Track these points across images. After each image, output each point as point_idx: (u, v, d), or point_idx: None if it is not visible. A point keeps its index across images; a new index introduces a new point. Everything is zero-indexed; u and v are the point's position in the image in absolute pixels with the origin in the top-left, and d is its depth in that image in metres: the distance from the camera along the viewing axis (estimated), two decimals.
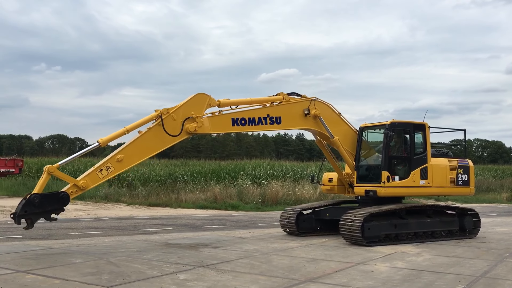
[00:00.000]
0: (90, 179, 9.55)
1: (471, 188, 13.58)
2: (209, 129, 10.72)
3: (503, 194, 32.72)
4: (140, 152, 10.09)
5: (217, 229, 14.91)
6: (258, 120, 11.37)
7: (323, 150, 13.40)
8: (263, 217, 19.10)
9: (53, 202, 9.22)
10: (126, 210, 20.93)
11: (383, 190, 11.97)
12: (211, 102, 10.78)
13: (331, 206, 13.74)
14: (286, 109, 11.86)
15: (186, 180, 27.39)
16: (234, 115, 11.15)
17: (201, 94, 10.71)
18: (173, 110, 10.30)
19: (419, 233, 12.42)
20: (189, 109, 10.48)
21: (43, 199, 9.02)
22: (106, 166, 9.67)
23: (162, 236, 12.90)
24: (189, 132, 10.39)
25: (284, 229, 13.54)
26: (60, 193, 9.33)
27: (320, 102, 12.47)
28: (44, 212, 9.16)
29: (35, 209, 8.94)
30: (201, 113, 10.58)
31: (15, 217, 8.84)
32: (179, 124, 10.34)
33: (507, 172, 42.70)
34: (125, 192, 25.53)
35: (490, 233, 14.22)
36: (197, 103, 10.59)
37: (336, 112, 12.83)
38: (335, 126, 12.61)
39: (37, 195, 8.93)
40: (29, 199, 8.84)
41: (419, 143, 12.75)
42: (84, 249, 10.33)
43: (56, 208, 9.32)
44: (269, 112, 11.56)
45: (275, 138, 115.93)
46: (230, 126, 11.07)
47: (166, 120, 10.17)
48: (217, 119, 10.94)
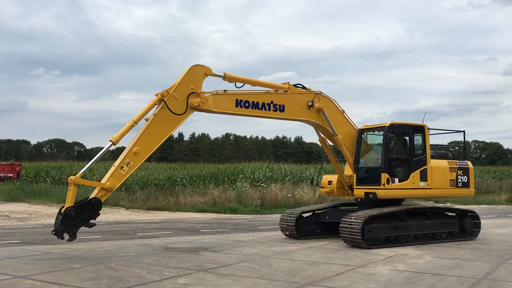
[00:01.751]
0: (114, 179, 9.66)
1: (471, 189, 13.55)
2: (212, 107, 10.70)
3: (502, 196, 32.70)
4: (153, 139, 10.12)
5: (217, 232, 14.84)
6: (261, 105, 11.34)
7: (326, 149, 13.36)
8: (263, 220, 19.04)
9: (87, 210, 9.41)
10: (124, 214, 20.84)
11: (382, 192, 11.93)
12: (207, 72, 10.71)
13: (330, 208, 13.69)
14: (291, 98, 11.87)
15: (185, 184, 27.32)
16: (238, 96, 11.12)
17: (195, 66, 10.62)
18: (172, 89, 10.27)
19: (419, 235, 12.37)
20: (187, 84, 10.44)
21: (78, 210, 9.21)
22: (126, 162, 9.75)
23: (161, 240, 12.83)
24: (193, 107, 10.39)
25: (284, 232, 13.48)
26: (91, 200, 9.44)
27: (325, 96, 12.49)
28: (82, 221, 9.38)
29: (73, 221, 9.17)
30: (200, 85, 10.55)
31: (58, 233, 9.07)
32: (182, 101, 10.34)
33: (505, 174, 42.77)
34: (124, 196, 25.42)
35: (490, 235, 14.18)
36: (193, 76, 10.54)
37: (340, 109, 12.82)
38: (337, 123, 12.60)
39: (71, 207, 9.10)
40: (66, 214, 9.03)
41: (418, 144, 12.72)
42: (82, 254, 10.25)
43: (92, 215, 9.53)
44: (273, 99, 11.53)
45: (274, 141, 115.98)
46: (233, 107, 11.02)
47: (169, 101, 10.17)
48: (221, 98, 10.90)
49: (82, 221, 9.38)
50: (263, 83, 11.77)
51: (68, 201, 9.14)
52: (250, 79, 11.58)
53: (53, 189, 28.55)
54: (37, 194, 27.99)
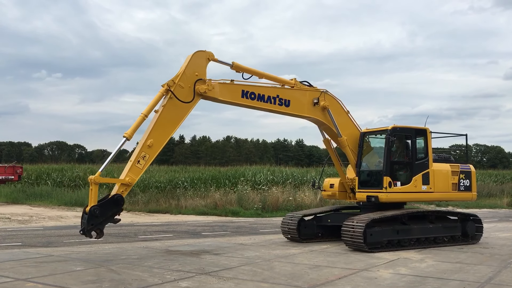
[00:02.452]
0: (133, 173, 9.78)
1: (473, 193, 13.51)
2: (218, 95, 10.78)
3: (504, 199, 32.62)
4: (165, 130, 10.22)
5: (218, 235, 14.82)
6: (267, 98, 11.41)
7: (329, 150, 13.34)
8: (264, 223, 19.00)
9: (111, 207, 9.56)
10: (125, 217, 20.78)
11: (384, 196, 11.90)
12: (210, 57, 10.73)
13: (332, 212, 13.66)
14: (297, 94, 11.96)
15: (186, 187, 27.28)
16: (245, 87, 11.20)
17: (198, 52, 10.64)
18: (178, 78, 10.33)
19: (421, 239, 12.32)
20: (192, 72, 10.49)
21: (102, 208, 9.38)
22: (142, 156, 9.87)
23: (162, 243, 12.81)
24: (199, 93, 10.47)
25: (286, 236, 13.45)
26: (114, 196, 9.58)
27: (330, 95, 12.53)
28: (107, 218, 9.56)
29: (99, 220, 9.35)
30: (204, 71, 10.60)
31: (85, 232, 9.28)
32: (189, 89, 10.42)
33: (507, 177, 42.66)
34: (125, 198, 25.37)
35: (492, 239, 14.13)
36: (197, 63, 10.57)
37: (345, 110, 12.83)
38: (342, 123, 12.62)
39: (95, 206, 9.27)
40: (91, 213, 9.21)
41: (420, 148, 12.69)
42: (84, 257, 10.23)
43: (116, 211, 9.70)
44: (279, 93, 11.62)
45: (275, 144, 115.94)
46: (239, 97, 11.10)
47: (176, 90, 10.26)
48: (227, 87, 10.99)
49: (107, 218, 9.56)
50: (270, 76, 11.83)
51: (91, 201, 9.33)
52: (258, 70, 11.65)
53: (54, 192, 28.55)
54: (38, 197, 28.00)
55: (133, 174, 9.78)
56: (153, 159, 10.17)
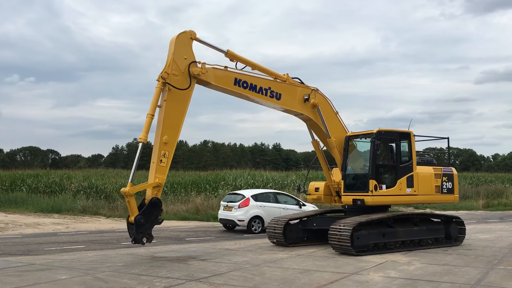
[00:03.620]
0: (159, 173, 10.08)
1: (455, 196, 13.70)
2: (211, 79, 10.88)
3: (480, 201, 33.29)
4: (175, 123, 10.38)
5: (203, 240, 14.65)
6: (259, 89, 11.54)
7: (318, 152, 13.35)
8: None
9: (152, 211, 10.00)
10: (106, 223, 20.42)
11: (370, 199, 11.95)
12: (192, 36, 10.73)
13: (318, 215, 13.67)
14: (288, 89, 12.10)
15: (166, 192, 26.96)
16: (238, 75, 11.31)
17: (179, 35, 10.60)
18: (168, 67, 10.34)
19: (406, 242, 12.42)
20: (180, 57, 10.51)
21: (145, 215, 9.86)
22: (162, 154, 10.12)
23: (147, 249, 12.57)
24: (194, 75, 10.55)
25: (271, 240, 13.38)
26: (151, 201, 9.97)
27: (321, 94, 12.63)
28: (152, 222, 10.07)
29: (146, 226, 9.89)
30: (191, 52, 10.62)
31: (138, 241, 9.87)
32: (183, 75, 10.49)
33: (481, 180, 43.58)
34: (104, 204, 24.93)
35: (474, 240, 14.36)
36: (182, 46, 10.57)
37: (334, 110, 12.88)
38: (331, 124, 12.70)
39: (139, 216, 9.78)
40: (137, 222, 9.73)
41: (404, 151, 12.81)
42: (68, 265, 9.95)
43: (157, 213, 10.17)
44: (271, 86, 11.76)
45: (252, 148, 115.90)
46: (231, 84, 11.20)
47: (171, 80, 10.30)
48: (221, 73, 11.10)
49: (152, 222, 10.02)
50: (263, 68, 11.88)
51: (132, 211, 9.82)
52: (251, 61, 11.70)
53: (30, 198, 27.80)
54: (13, 203, 27.18)
55: (160, 173, 10.06)
56: (173, 154, 10.39)
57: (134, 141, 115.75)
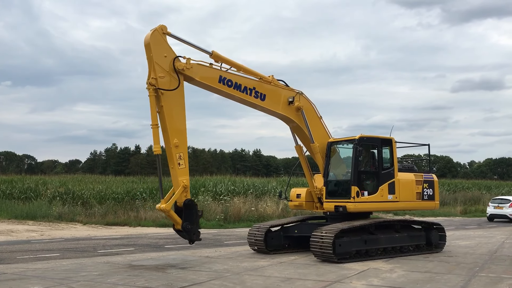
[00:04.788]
0: (182, 176, 10.35)
1: (436, 202, 13.71)
2: (196, 75, 10.77)
3: (457, 208, 33.73)
4: (179, 124, 10.45)
5: (182, 248, 14.34)
6: (244, 89, 11.47)
7: (301, 157, 13.19)
8: (228, 234, 18.65)
9: (192, 212, 10.46)
10: (82, 230, 19.92)
11: (352, 206, 11.84)
12: (163, 30, 10.49)
13: (299, 222, 13.51)
14: (273, 90, 12.02)
15: (145, 198, 26.51)
16: (223, 73, 11.23)
17: (152, 34, 10.31)
18: (152, 72, 10.20)
19: (388, 249, 12.35)
20: (160, 57, 10.33)
21: (188, 219, 10.38)
22: (178, 157, 10.31)
23: (124, 257, 12.23)
24: (179, 71, 10.43)
25: (252, 247, 13.17)
26: (185, 204, 10.35)
27: (305, 98, 12.53)
28: (196, 221, 10.59)
29: (193, 229, 10.49)
30: (169, 47, 10.44)
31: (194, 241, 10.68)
32: (170, 75, 10.37)
33: (459, 186, 44.20)
34: (80, 211, 24.37)
35: (454, 247, 14.39)
36: (158, 45, 10.35)
37: (318, 115, 12.79)
38: (314, 128, 12.59)
39: (185, 223, 10.32)
40: (186, 229, 10.34)
41: (386, 158, 12.76)
42: (41, 274, 9.57)
43: (196, 211, 10.62)
44: (256, 86, 11.69)
45: (232, 154, 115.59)
46: (216, 82, 11.11)
47: (161, 84, 10.18)
48: (206, 69, 11.01)
49: (196, 221, 10.53)
50: (248, 69, 11.76)
51: (176, 221, 10.40)
52: (236, 62, 11.58)
53: (3, 204, 27.05)
54: None
55: (183, 176, 10.33)
56: (187, 153, 10.62)
57: (113, 146, 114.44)
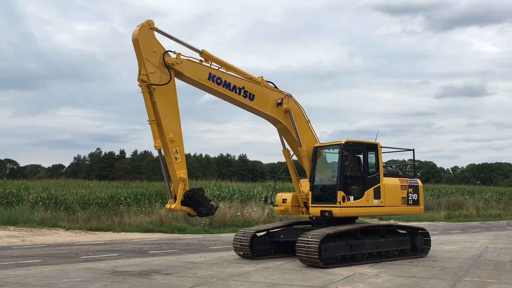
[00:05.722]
0: (179, 169, 10.36)
1: (420, 207, 13.79)
2: (185, 70, 10.79)
3: (441, 213, 34.00)
4: (173, 118, 10.46)
5: (166, 253, 14.19)
6: (233, 87, 11.50)
7: (288, 161, 13.14)
8: (213, 240, 18.52)
9: (197, 198, 10.58)
10: (65, 236, 19.61)
11: (338, 211, 11.84)
12: (151, 25, 10.46)
13: (284, 227, 13.46)
14: (262, 91, 12.05)
15: (130, 203, 26.20)
16: (213, 71, 11.27)
17: (140, 30, 10.25)
18: (143, 68, 10.19)
19: (373, 253, 12.36)
20: (149, 52, 10.32)
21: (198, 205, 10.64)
22: (174, 151, 10.31)
23: (107, 263, 12.04)
24: (169, 65, 10.44)
25: (238, 252, 13.08)
26: (187, 196, 10.43)
27: (294, 101, 12.55)
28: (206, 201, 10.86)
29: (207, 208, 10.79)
30: (157, 43, 10.45)
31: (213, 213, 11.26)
32: (160, 69, 10.37)
33: (443, 191, 44.62)
34: (63, 216, 23.98)
35: (438, 252, 14.47)
36: (146, 40, 10.34)
37: (306, 118, 12.78)
38: (302, 131, 12.59)
39: (199, 209, 10.63)
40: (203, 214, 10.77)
41: (372, 163, 12.80)
42: (21, 281, 9.36)
43: (201, 195, 10.71)
44: (245, 85, 11.71)
45: (218, 159, 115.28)
46: (206, 79, 11.13)
47: (152, 79, 10.20)
48: (196, 66, 11.03)
49: (206, 200, 10.81)
50: (238, 70, 11.76)
51: (189, 212, 10.74)
52: (227, 62, 11.59)
53: None
54: None
55: (180, 169, 10.34)
56: (183, 147, 10.53)
57: (97, 151, 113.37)
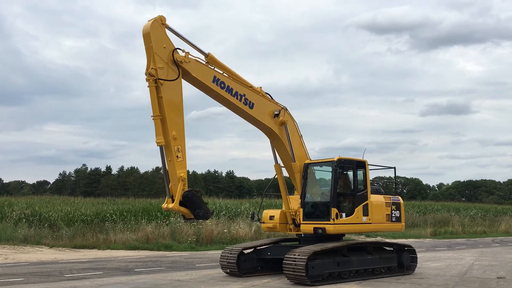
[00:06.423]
0: (179, 168, 10.21)
1: (402, 224, 13.88)
2: (192, 70, 10.79)
3: (427, 229, 34.12)
4: (177, 115, 10.32)
5: (152, 271, 14.01)
6: (235, 93, 11.58)
7: (279, 176, 13.14)
8: (200, 257, 18.34)
9: (195, 200, 10.28)
10: (48, 254, 19.26)
11: (332, 227, 11.83)
12: (163, 20, 10.43)
13: (272, 244, 13.41)
14: (261, 101, 12.17)
15: (115, 220, 25.89)
16: (218, 75, 11.33)
17: (152, 24, 10.18)
18: (152, 62, 10.10)
19: (360, 271, 12.36)
20: (159, 47, 10.26)
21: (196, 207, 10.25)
22: (176, 149, 10.18)
23: (92, 281, 11.84)
24: (178, 62, 10.43)
25: (225, 270, 12.97)
26: (185, 197, 10.16)
27: (289, 114, 12.66)
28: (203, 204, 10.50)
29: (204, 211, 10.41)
30: (168, 39, 10.42)
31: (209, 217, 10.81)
32: (168, 66, 10.30)
33: (429, 208, 44.90)
34: (47, 233, 23.58)
35: (425, 269, 14.51)
36: (158, 36, 10.28)
37: (299, 133, 12.82)
38: (295, 146, 12.63)
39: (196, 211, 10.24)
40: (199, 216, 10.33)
41: (360, 180, 12.88)
42: None
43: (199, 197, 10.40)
44: (246, 93, 11.79)
45: (205, 175, 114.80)
46: (210, 81, 11.16)
47: (160, 74, 10.12)
48: (203, 67, 11.08)
49: (203, 203, 10.43)
50: (240, 77, 11.89)
51: (186, 213, 10.30)
52: (230, 68, 11.68)
53: None
54: None
55: (180, 169, 10.18)
56: (185, 147, 10.39)
57: (83, 167, 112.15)
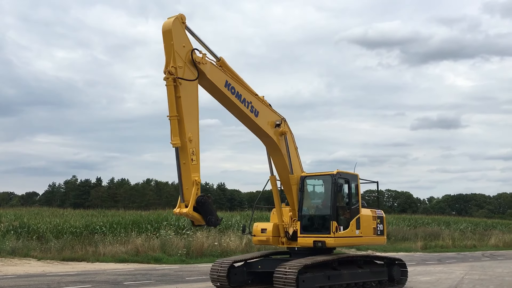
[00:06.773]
0: (194, 171, 10.01)
1: (384, 237, 13.98)
2: (207, 72, 10.71)
3: (418, 243, 34.16)
4: (193, 117, 10.17)
5: (142, 284, 13.89)
6: (243, 100, 11.59)
7: (274, 188, 13.05)
8: (190, 270, 18.21)
9: (208, 206, 10.05)
10: (36, 266, 19.03)
11: (332, 241, 11.83)
12: (183, 19, 10.29)
13: (263, 258, 13.37)
14: (264, 110, 12.23)
15: (105, 232, 25.67)
16: (229, 79, 11.31)
17: (173, 22, 9.99)
18: (172, 61, 9.91)
19: (351, 284, 12.35)
20: (179, 46, 10.11)
21: (208, 213, 10.00)
22: (191, 152, 9.97)
23: None
24: (196, 63, 10.30)
25: (215, 283, 12.88)
26: (200, 202, 9.95)
27: (288, 126, 12.70)
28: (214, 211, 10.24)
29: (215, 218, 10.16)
30: (187, 39, 10.32)
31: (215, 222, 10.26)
32: (186, 66, 10.16)
33: (419, 222, 45.00)
34: (35, 245, 23.30)
35: (415, 283, 14.53)
36: (178, 34, 10.11)
37: (295, 145, 12.89)
38: (292, 158, 12.61)
39: (208, 217, 9.98)
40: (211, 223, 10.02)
41: (353, 193, 12.93)
42: None
43: (211, 204, 10.20)
44: (252, 101, 11.84)
45: None
46: (222, 85, 11.14)
47: (180, 73, 9.97)
48: (217, 71, 11.06)
49: (214, 210, 10.22)
50: (246, 85, 11.91)
51: (199, 219, 9.98)
52: (238, 75, 11.70)
53: None
54: None
55: (195, 172, 10.00)
56: (199, 150, 10.21)
57: (73, 178, 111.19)
